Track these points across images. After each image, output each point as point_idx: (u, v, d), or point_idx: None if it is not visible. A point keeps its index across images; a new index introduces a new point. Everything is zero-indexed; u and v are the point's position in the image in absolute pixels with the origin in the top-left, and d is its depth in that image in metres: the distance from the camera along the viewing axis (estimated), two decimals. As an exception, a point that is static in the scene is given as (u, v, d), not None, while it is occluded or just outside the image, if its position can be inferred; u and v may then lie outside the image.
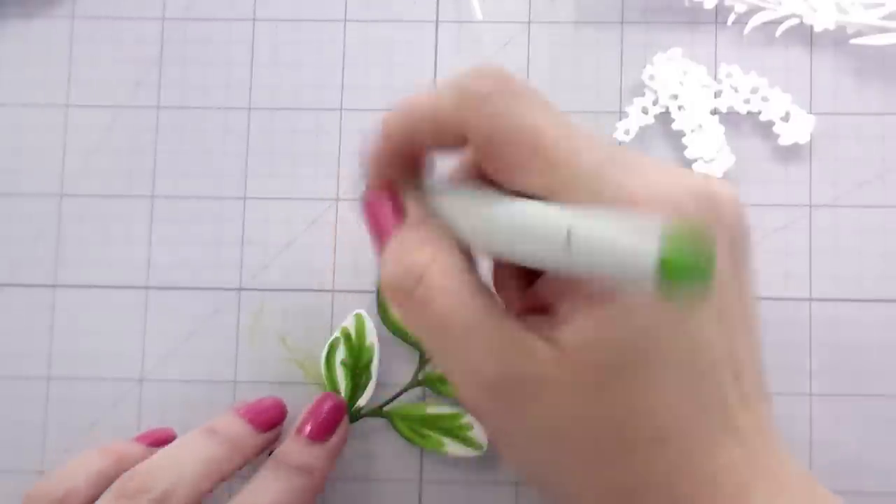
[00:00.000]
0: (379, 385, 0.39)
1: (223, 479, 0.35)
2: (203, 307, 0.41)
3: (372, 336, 0.39)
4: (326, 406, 0.38)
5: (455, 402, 0.39)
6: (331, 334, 0.40)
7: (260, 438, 0.37)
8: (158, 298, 0.41)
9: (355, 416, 0.39)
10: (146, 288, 0.41)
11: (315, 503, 0.37)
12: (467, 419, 0.39)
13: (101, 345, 0.41)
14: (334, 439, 0.37)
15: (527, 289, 0.31)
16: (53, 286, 0.41)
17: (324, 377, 0.39)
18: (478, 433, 0.39)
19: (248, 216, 0.41)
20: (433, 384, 0.39)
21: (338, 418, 0.37)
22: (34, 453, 0.40)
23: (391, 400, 0.39)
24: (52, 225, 0.41)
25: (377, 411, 0.39)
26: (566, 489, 0.30)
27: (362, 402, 0.39)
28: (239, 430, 0.37)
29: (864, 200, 0.40)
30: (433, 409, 0.39)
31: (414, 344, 0.39)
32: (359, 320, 0.39)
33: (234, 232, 0.41)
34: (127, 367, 0.41)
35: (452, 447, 0.39)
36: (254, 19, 0.42)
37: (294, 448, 0.36)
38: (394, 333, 0.40)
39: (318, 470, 0.36)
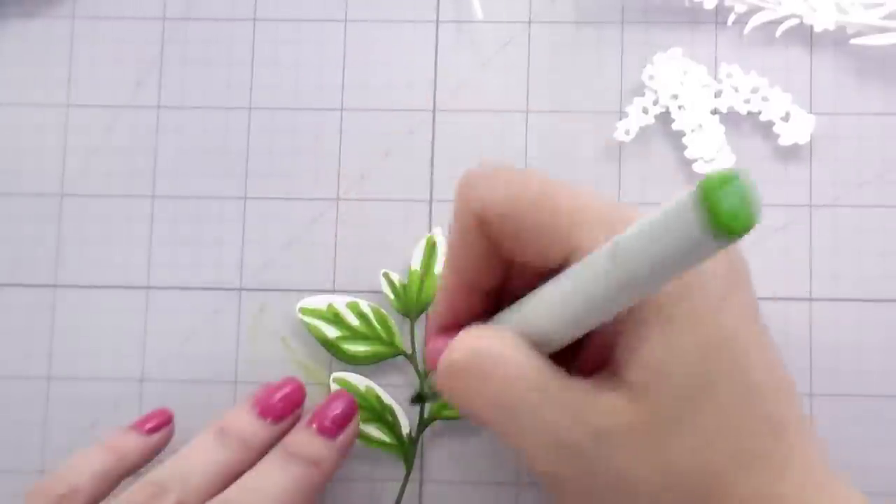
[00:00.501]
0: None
1: (237, 478, 0.35)
2: (203, 307, 0.41)
3: None
4: (338, 403, 0.37)
5: None
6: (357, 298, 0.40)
7: (274, 430, 0.36)
8: (158, 298, 0.41)
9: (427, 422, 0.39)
10: (146, 288, 0.41)
11: (319, 497, 0.37)
12: None
13: (101, 345, 0.41)
14: (343, 437, 0.37)
15: (570, 360, 0.31)
16: (53, 286, 0.41)
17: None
18: None
19: (248, 216, 0.41)
20: (438, 414, 0.39)
21: (349, 416, 0.37)
22: (34, 453, 0.40)
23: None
24: (52, 225, 0.41)
25: (424, 426, 0.39)
26: None
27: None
28: (251, 426, 0.36)
29: (864, 200, 0.40)
30: None
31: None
32: None
33: (234, 232, 0.41)
34: (127, 367, 0.41)
35: None
36: (254, 19, 0.42)
37: (303, 439, 0.36)
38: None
39: (326, 464, 0.36)
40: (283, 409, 0.37)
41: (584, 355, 0.32)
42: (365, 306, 0.40)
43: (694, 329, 0.29)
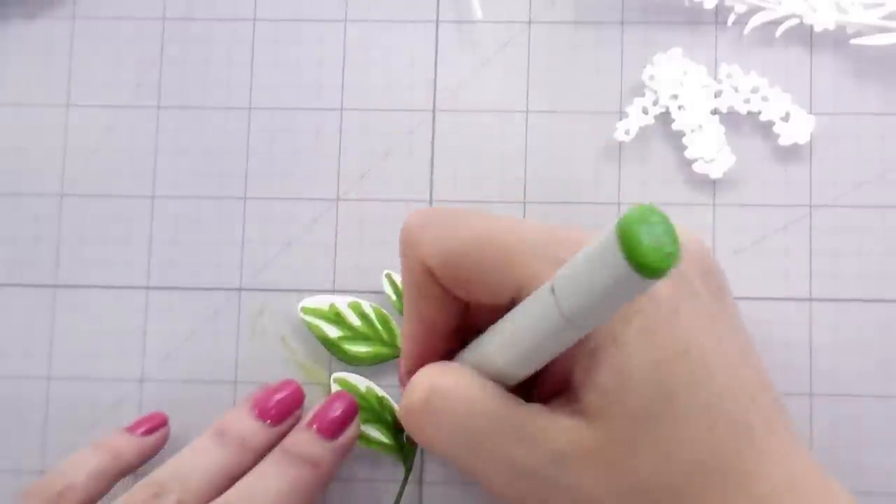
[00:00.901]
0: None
1: (237, 479, 0.35)
2: (203, 307, 0.41)
3: None
4: (338, 404, 0.37)
5: None
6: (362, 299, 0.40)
7: (273, 432, 0.36)
8: (158, 298, 0.41)
9: None
10: (146, 288, 0.41)
11: (319, 497, 0.37)
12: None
13: (101, 345, 0.41)
14: (343, 438, 0.37)
15: (530, 388, 0.32)
16: (53, 286, 0.41)
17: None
18: None
19: (248, 216, 0.41)
20: None
21: (349, 417, 0.37)
22: (34, 453, 0.40)
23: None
24: (52, 225, 0.41)
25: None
26: None
27: None
28: (249, 428, 0.36)
29: (864, 200, 0.40)
30: None
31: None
32: None
33: (234, 232, 0.41)
34: (127, 367, 0.41)
35: None
36: (254, 19, 0.42)
37: (303, 439, 0.36)
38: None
39: (325, 465, 0.36)
40: (282, 412, 0.37)
41: (543, 381, 0.32)
42: (367, 307, 0.40)
43: (645, 347, 0.29)
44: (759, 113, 0.40)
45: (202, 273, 0.41)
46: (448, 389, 0.30)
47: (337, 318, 0.39)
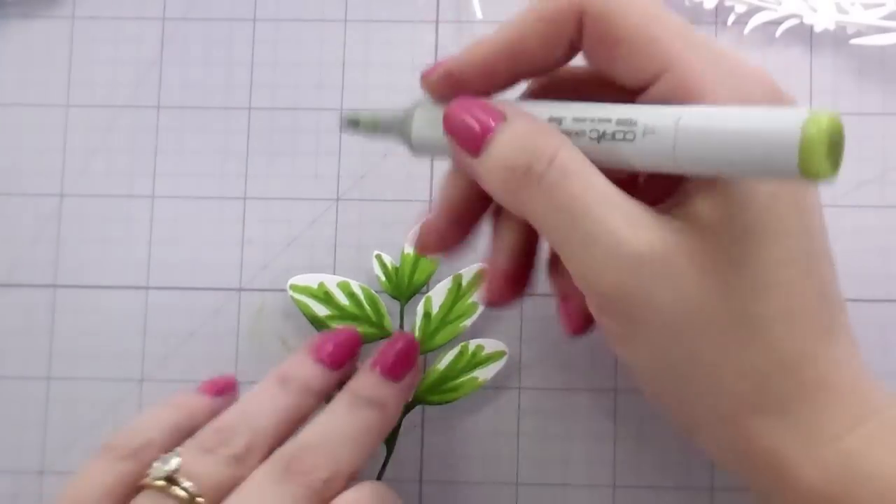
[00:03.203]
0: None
1: (303, 423, 0.35)
2: (203, 307, 0.41)
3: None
4: (400, 345, 0.37)
5: (449, 346, 0.39)
6: (354, 279, 0.40)
7: (333, 376, 0.36)
8: (158, 298, 0.41)
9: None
10: (146, 288, 0.41)
11: (382, 440, 0.36)
12: (473, 343, 0.39)
13: (101, 345, 0.41)
14: (407, 379, 0.36)
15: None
16: (53, 286, 0.41)
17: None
18: (491, 344, 0.39)
19: (248, 216, 0.41)
20: (423, 398, 0.39)
21: (412, 357, 0.37)
22: (34, 453, 0.40)
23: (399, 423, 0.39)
24: (52, 225, 0.41)
25: (407, 410, 0.39)
26: (694, 380, 0.30)
27: None
28: (311, 372, 0.36)
29: (864, 200, 0.40)
30: (443, 364, 0.39)
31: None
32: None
33: (234, 232, 0.41)
34: (127, 367, 0.41)
35: (484, 373, 0.39)
36: (254, 19, 0.42)
37: (367, 382, 0.35)
38: None
39: (391, 406, 0.35)
40: (341, 355, 0.36)
41: (643, 184, 0.32)
42: (356, 287, 0.40)
43: (763, 190, 0.29)
44: (759, 113, 0.40)
45: (202, 273, 0.41)
46: (568, 164, 0.29)
47: (325, 297, 0.39)
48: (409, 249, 0.40)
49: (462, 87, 0.32)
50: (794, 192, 0.30)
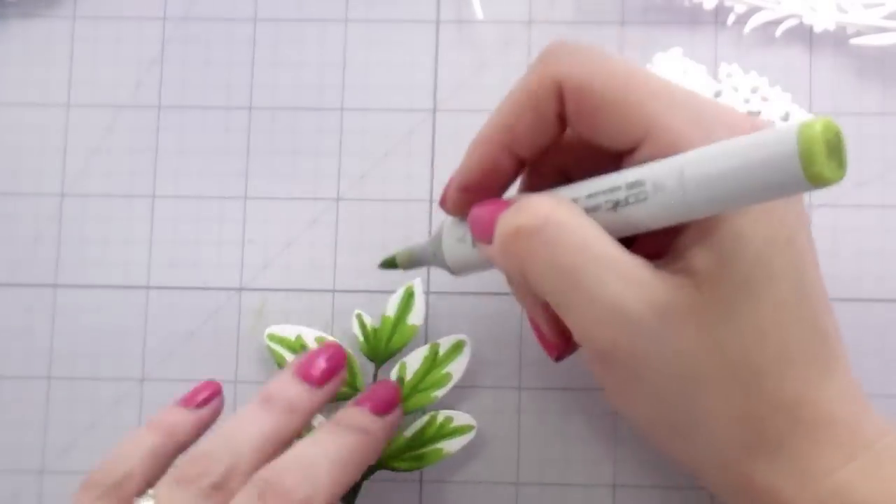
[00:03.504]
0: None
1: (287, 446, 0.34)
2: (203, 307, 0.41)
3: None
4: (386, 387, 0.37)
5: (418, 414, 0.39)
6: (331, 334, 0.40)
7: (319, 394, 0.36)
8: (158, 298, 0.41)
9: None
10: (146, 288, 0.41)
11: (364, 467, 0.36)
12: (443, 414, 0.39)
13: (101, 345, 0.41)
14: (391, 417, 0.36)
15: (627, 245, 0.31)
16: (53, 286, 0.41)
17: None
18: (460, 417, 0.39)
19: (248, 216, 0.41)
20: (385, 462, 0.39)
21: (396, 399, 0.37)
22: (34, 453, 0.40)
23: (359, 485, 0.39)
24: (52, 225, 0.41)
25: (370, 473, 0.39)
26: (693, 427, 0.31)
27: None
28: (296, 391, 0.35)
29: (864, 200, 0.40)
30: (409, 432, 0.39)
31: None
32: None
33: (234, 232, 0.41)
34: (127, 367, 0.41)
35: (450, 445, 0.38)
36: (254, 19, 0.42)
37: (352, 412, 0.36)
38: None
39: (376, 432, 0.35)
40: (326, 372, 0.36)
41: (641, 239, 0.32)
42: None
43: (764, 223, 0.29)
44: (759, 113, 0.40)
45: (202, 273, 0.41)
46: (564, 221, 0.30)
47: (302, 350, 0.39)
48: (391, 312, 0.39)
49: (476, 194, 0.33)
50: (787, 234, 0.30)
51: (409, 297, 0.39)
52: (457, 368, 0.39)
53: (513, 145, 0.32)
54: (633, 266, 0.29)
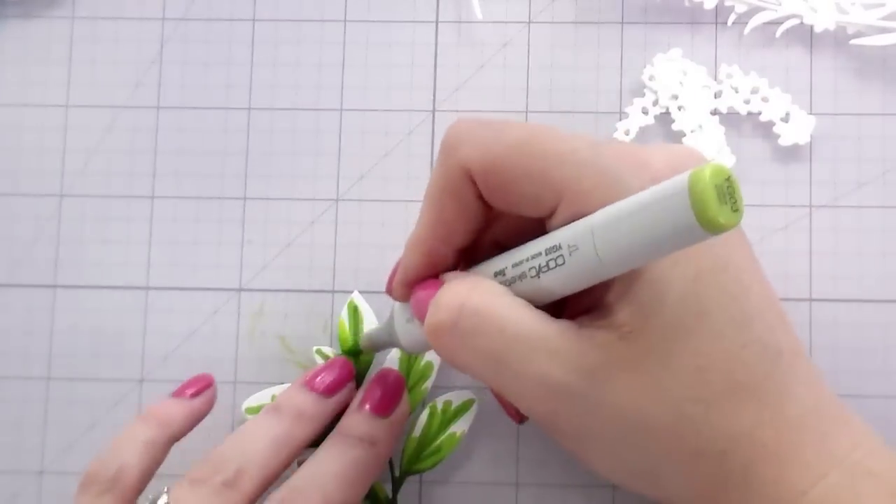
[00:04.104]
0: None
1: (297, 452, 0.35)
2: (203, 307, 0.41)
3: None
4: (387, 381, 0.37)
5: (417, 411, 0.39)
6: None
7: (328, 404, 0.37)
8: (158, 298, 0.41)
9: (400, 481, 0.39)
10: (146, 288, 0.41)
11: (379, 475, 0.37)
12: (440, 400, 0.39)
13: (101, 345, 0.41)
14: (396, 414, 0.37)
15: (557, 305, 0.32)
16: (53, 286, 0.41)
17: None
18: (458, 395, 0.39)
19: (248, 216, 0.41)
20: (409, 469, 0.39)
21: (399, 392, 0.37)
22: (34, 453, 0.40)
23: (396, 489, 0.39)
24: (52, 225, 0.41)
25: (398, 485, 0.39)
26: (656, 471, 0.31)
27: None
28: (304, 400, 0.36)
29: (864, 201, 0.40)
30: (417, 431, 0.39)
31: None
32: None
33: (234, 232, 0.41)
34: (127, 367, 0.41)
35: (460, 426, 0.38)
36: (254, 19, 0.42)
37: (356, 420, 0.36)
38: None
39: (382, 442, 0.36)
40: (333, 383, 0.37)
41: (570, 299, 0.32)
42: None
43: (685, 261, 0.29)
44: (759, 113, 0.40)
45: (202, 273, 0.41)
46: (479, 308, 0.30)
47: None
48: (347, 330, 0.39)
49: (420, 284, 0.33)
50: (716, 263, 0.30)
51: (354, 311, 0.39)
52: (434, 354, 0.39)
53: (447, 238, 0.32)
54: (555, 336, 0.29)
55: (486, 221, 0.32)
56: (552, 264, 0.29)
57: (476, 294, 0.30)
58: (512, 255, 0.31)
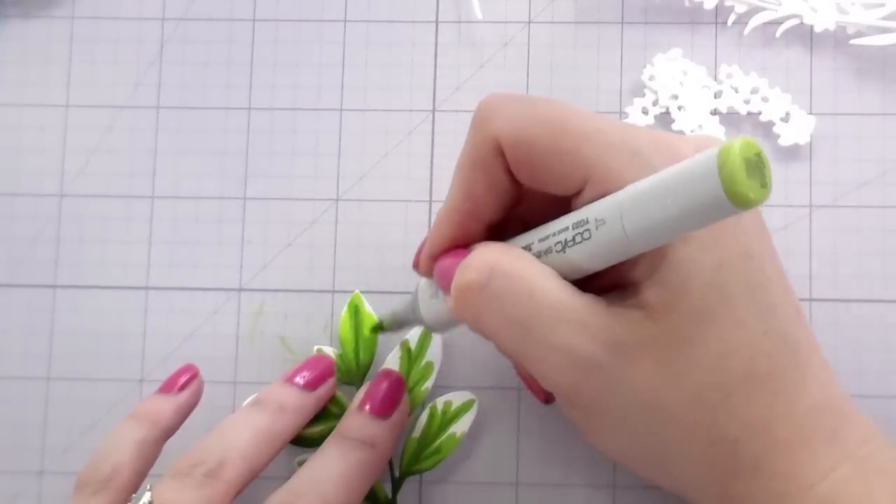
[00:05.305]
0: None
1: (280, 445, 0.35)
2: (203, 307, 0.41)
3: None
4: (387, 382, 0.37)
5: (417, 411, 0.39)
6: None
7: (311, 397, 0.37)
8: (158, 298, 0.41)
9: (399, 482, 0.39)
10: (146, 288, 0.41)
11: (379, 477, 0.37)
12: (440, 401, 0.39)
13: (101, 345, 0.41)
14: (396, 415, 0.37)
15: (585, 281, 0.32)
16: (53, 286, 0.41)
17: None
18: (458, 397, 0.39)
19: (248, 216, 0.41)
20: (408, 469, 0.39)
21: (399, 393, 0.37)
22: (34, 453, 0.40)
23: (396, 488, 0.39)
24: (52, 225, 0.41)
25: (398, 486, 0.39)
26: (668, 455, 0.31)
27: None
28: (285, 392, 0.36)
29: (864, 201, 0.40)
30: (417, 432, 0.39)
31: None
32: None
33: (234, 232, 0.41)
34: (127, 367, 0.41)
35: (459, 426, 0.38)
36: (254, 19, 0.42)
37: (356, 422, 0.36)
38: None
39: (381, 444, 0.36)
40: (313, 378, 0.37)
41: (599, 274, 0.32)
42: None
43: (712, 247, 0.29)
44: (759, 113, 0.40)
45: (202, 273, 0.41)
46: (510, 271, 0.30)
47: None
48: (348, 330, 0.39)
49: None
50: (742, 250, 0.30)
51: (355, 309, 0.39)
52: (434, 354, 0.39)
53: (476, 212, 0.32)
54: (583, 308, 0.30)
55: (514, 199, 0.32)
56: (578, 238, 0.29)
57: (507, 258, 0.30)
58: (539, 231, 0.31)
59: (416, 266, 0.35)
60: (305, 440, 0.38)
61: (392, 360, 0.39)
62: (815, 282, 0.39)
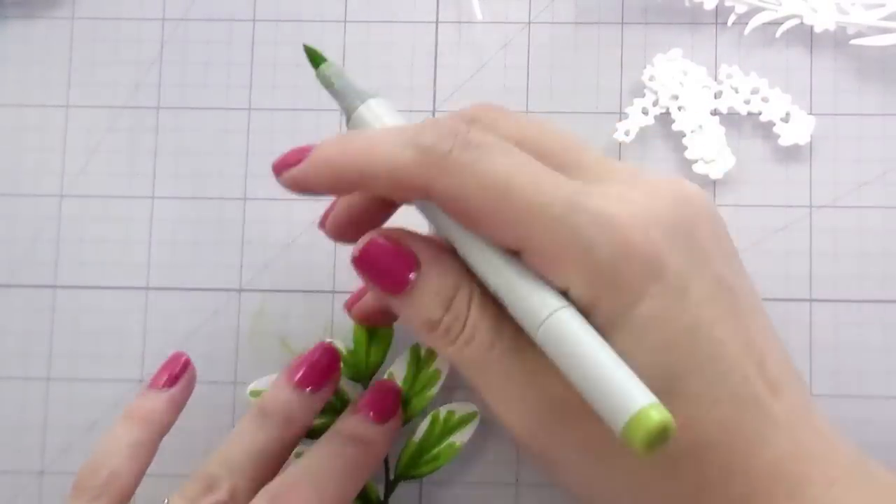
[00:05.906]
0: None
1: (287, 454, 0.36)
2: (203, 307, 0.41)
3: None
4: (385, 390, 0.37)
5: (420, 417, 0.39)
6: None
7: (315, 399, 0.36)
8: (158, 298, 0.41)
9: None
10: (146, 288, 0.41)
11: (374, 473, 0.37)
12: (444, 410, 0.39)
13: (101, 345, 0.41)
14: (392, 422, 0.37)
15: None
16: (53, 286, 0.41)
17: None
18: (461, 407, 0.39)
19: (248, 216, 0.41)
20: (404, 473, 0.39)
21: (396, 403, 0.37)
22: (34, 453, 0.40)
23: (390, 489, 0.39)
24: (52, 225, 0.41)
25: (392, 488, 0.39)
26: (641, 497, 0.31)
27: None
28: (290, 400, 0.36)
29: (865, 201, 0.40)
30: (417, 437, 0.39)
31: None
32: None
33: (234, 232, 0.41)
34: (127, 367, 0.41)
35: (460, 437, 0.38)
36: (254, 19, 0.42)
37: (354, 421, 0.36)
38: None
39: (378, 442, 0.36)
40: (320, 377, 0.37)
41: None
42: None
43: (654, 330, 0.28)
44: (760, 114, 0.40)
45: (202, 273, 0.41)
46: (474, 332, 0.31)
47: None
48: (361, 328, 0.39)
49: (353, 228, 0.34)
50: (684, 325, 0.29)
51: None
52: (443, 363, 0.39)
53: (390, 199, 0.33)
54: (530, 358, 0.30)
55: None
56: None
57: (475, 308, 0.31)
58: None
59: (322, 225, 0.36)
60: (309, 433, 0.38)
61: (400, 362, 0.39)
62: (815, 282, 0.39)
